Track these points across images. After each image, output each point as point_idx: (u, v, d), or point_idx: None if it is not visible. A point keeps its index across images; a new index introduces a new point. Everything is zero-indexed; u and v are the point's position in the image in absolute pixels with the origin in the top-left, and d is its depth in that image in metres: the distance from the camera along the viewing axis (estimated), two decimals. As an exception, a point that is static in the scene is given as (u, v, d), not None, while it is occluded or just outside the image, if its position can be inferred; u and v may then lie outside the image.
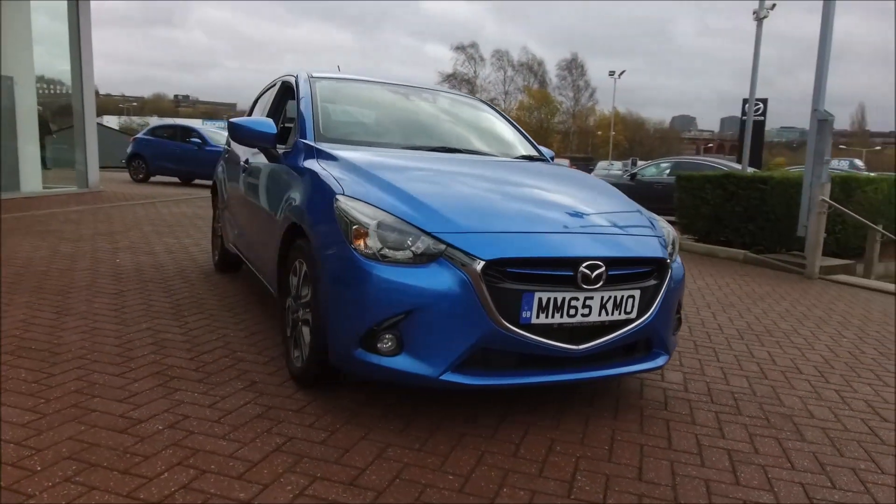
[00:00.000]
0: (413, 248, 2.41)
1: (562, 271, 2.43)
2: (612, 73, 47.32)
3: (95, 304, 3.98)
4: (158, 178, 16.28)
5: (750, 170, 12.22)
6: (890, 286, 6.73)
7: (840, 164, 32.42)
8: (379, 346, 2.40)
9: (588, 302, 2.47)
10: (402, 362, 2.39)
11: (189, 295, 4.38)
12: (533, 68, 54.42)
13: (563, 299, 2.42)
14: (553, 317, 2.43)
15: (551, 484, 2.17)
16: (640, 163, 29.36)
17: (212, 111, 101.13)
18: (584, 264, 2.43)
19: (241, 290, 4.62)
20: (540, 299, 2.39)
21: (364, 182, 2.72)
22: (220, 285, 4.74)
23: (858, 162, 35.03)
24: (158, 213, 8.88)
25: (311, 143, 3.23)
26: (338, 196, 2.61)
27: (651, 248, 2.70)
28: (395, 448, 2.34)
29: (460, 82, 51.42)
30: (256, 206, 3.70)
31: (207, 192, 12.71)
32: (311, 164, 3.05)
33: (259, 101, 5.03)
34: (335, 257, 2.50)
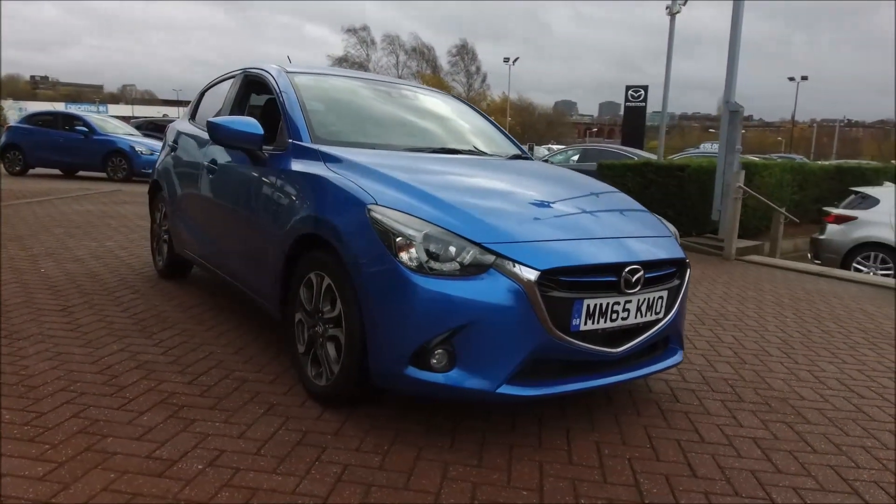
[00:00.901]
0: (460, 260, 2.33)
1: (607, 277, 2.46)
2: (506, 60, 48.24)
3: (46, 325, 3.56)
4: (38, 170, 14.78)
5: (641, 153, 12.95)
6: (801, 265, 7.39)
7: (713, 147, 35.05)
8: (431, 362, 2.32)
9: (627, 306, 2.52)
10: (456, 377, 2.32)
11: (146, 307, 4.02)
12: (424, 54, 54.34)
13: (608, 305, 2.45)
14: (598, 322, 2.45)
15: (620, 490, 2.20)
16: (537, 148, 30.22)
17: (75, 93, 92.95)
18: (627, 269, 2.47)
19: (201, 298, 4.30)
20: (588, 306, 2.40)
21: (391, 189, 2.60)
22: (174, 294, 4.39)
23: (728, 145, 38.10)
24: (61, 212, 8.06)
25: (310, 146, 3.04)
26: (370, 206, 2.48)
27: (675, 250, 2.79)
28: (456, 466, 2.28)
29: (352, 66, 50.43)
30: (238, 212, 3.43)
31: (105, 186, 11.76)
32: (317, 168, 2.87)
33: (206, 94, 4.68)
34: (377, 271, 2.38)
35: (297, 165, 3.00)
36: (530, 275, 2.30)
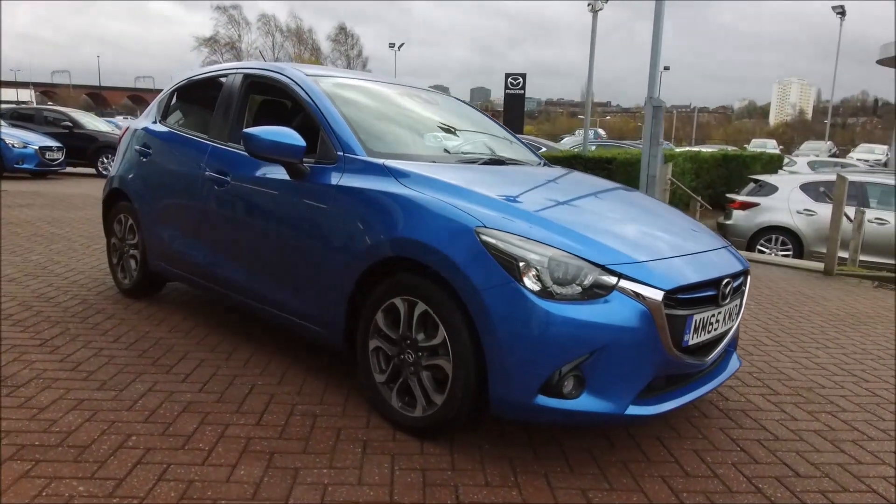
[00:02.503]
0: (580, 282, 2.30)
1: (709, 291, 2.53)
2: (392, 45, 47.87)
3: (36, 365, 3.09)
4: None
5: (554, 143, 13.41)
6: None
7: (587, 135, 36.83)
8: (562, 389, 2.27)
9: (719, 317, 2.61)
10: (585, 403, 2.29)
11: (138, 335, 3.60)
12: (302, 37, 52.32)
13: (707, 318, 2.53)
14: (701, 336, 2.52)
15: (749, 498, 2.30)
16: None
17: None
18: (724, 282, 2.56)
19: (192, 318, 3.91)
20: (696, 321, 2.46)
21: (489, 209, 2.48)
22: (158, 315, 3.95)
23: (601, 131, 40.20)
24: (-53, 219, 6.98)
25: (369, 159, 2.85)
26: (478, 229, 2.36)
27: (741, 260, 2.92)
28: (594, 493, 2.26)
29: (223, 46, 47.69)
30: (272, 229, 3.11)
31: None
32: (388, 185, 2.69)
33: (176, 95, 4.22)
34: (499, 299, 2.27)
35: (356, 181, 2.79)
36: (656, 295, 2.31)
